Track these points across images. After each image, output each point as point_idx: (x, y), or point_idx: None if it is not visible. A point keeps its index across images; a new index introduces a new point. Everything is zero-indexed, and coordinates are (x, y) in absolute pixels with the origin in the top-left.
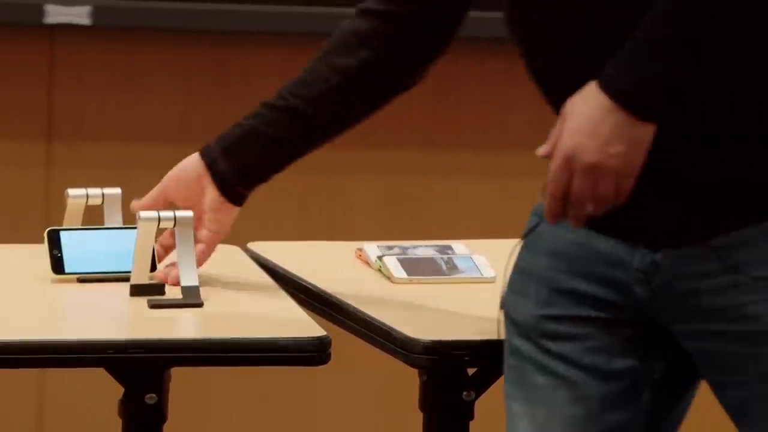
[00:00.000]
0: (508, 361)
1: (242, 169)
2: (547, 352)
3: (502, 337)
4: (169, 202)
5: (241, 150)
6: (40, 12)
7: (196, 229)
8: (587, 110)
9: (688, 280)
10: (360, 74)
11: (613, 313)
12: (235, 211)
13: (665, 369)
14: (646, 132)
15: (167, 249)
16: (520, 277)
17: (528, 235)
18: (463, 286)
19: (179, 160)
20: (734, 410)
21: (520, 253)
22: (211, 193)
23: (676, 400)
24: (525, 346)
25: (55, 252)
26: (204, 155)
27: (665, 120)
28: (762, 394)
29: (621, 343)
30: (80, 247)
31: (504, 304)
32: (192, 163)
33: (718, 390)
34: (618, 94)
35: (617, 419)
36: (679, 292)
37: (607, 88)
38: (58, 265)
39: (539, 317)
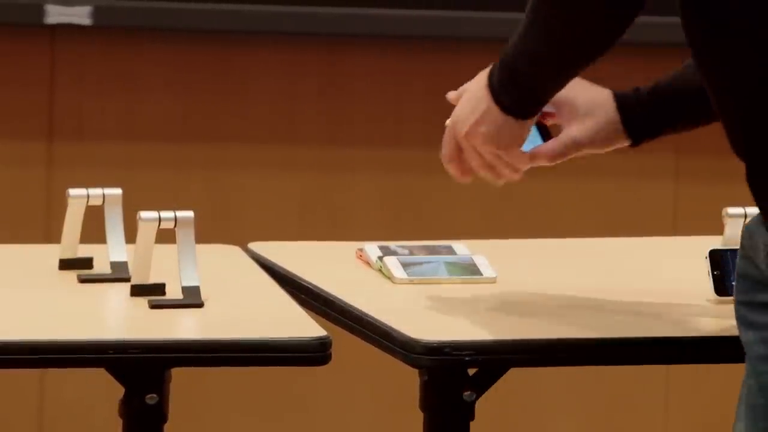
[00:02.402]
0: None
1: None
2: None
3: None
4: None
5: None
6: (40, 12)
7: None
8: (476, 87)
9: None
10: None
11: None
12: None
13: None
14: (515, 122)
15: None
16: None
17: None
18: (464, 287)
19: (180, 159)
20: None
21: None
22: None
23: None
24: None
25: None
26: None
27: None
28: None
29: None
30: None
31: None
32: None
33: None
34: (489, 81)
35: None
36: None
37: (489, 74)
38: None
39: (736, 302)
